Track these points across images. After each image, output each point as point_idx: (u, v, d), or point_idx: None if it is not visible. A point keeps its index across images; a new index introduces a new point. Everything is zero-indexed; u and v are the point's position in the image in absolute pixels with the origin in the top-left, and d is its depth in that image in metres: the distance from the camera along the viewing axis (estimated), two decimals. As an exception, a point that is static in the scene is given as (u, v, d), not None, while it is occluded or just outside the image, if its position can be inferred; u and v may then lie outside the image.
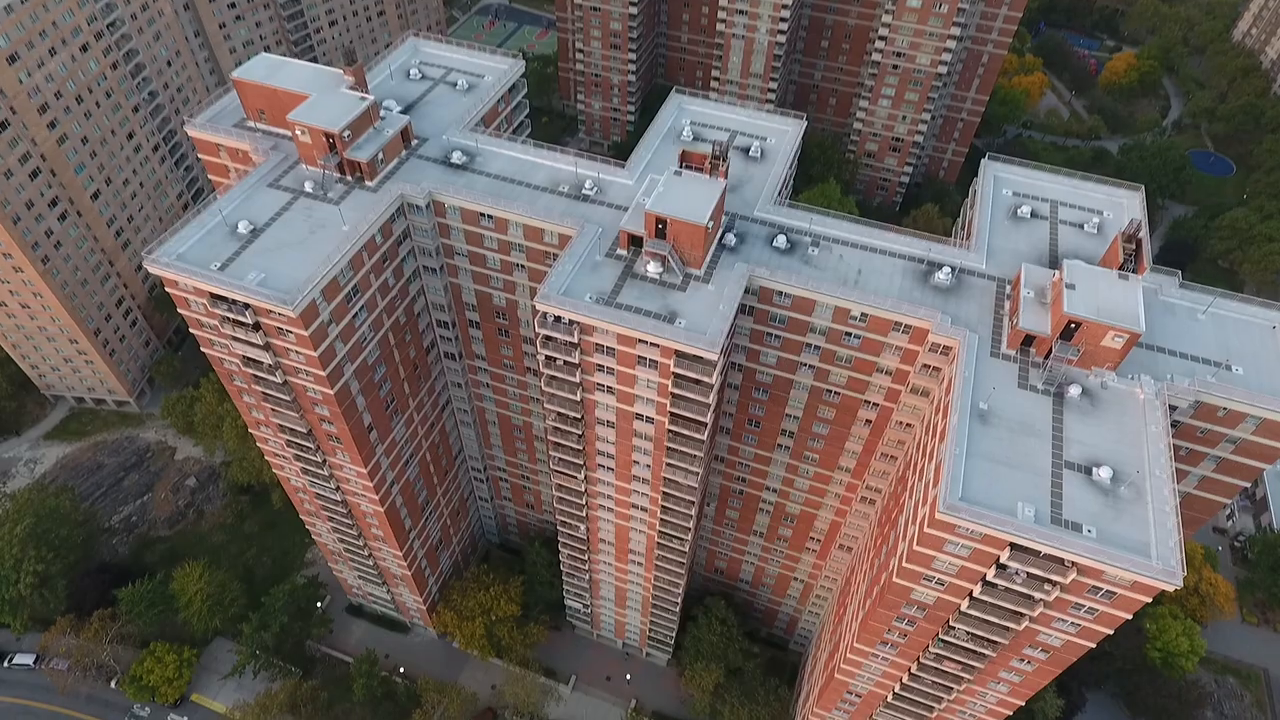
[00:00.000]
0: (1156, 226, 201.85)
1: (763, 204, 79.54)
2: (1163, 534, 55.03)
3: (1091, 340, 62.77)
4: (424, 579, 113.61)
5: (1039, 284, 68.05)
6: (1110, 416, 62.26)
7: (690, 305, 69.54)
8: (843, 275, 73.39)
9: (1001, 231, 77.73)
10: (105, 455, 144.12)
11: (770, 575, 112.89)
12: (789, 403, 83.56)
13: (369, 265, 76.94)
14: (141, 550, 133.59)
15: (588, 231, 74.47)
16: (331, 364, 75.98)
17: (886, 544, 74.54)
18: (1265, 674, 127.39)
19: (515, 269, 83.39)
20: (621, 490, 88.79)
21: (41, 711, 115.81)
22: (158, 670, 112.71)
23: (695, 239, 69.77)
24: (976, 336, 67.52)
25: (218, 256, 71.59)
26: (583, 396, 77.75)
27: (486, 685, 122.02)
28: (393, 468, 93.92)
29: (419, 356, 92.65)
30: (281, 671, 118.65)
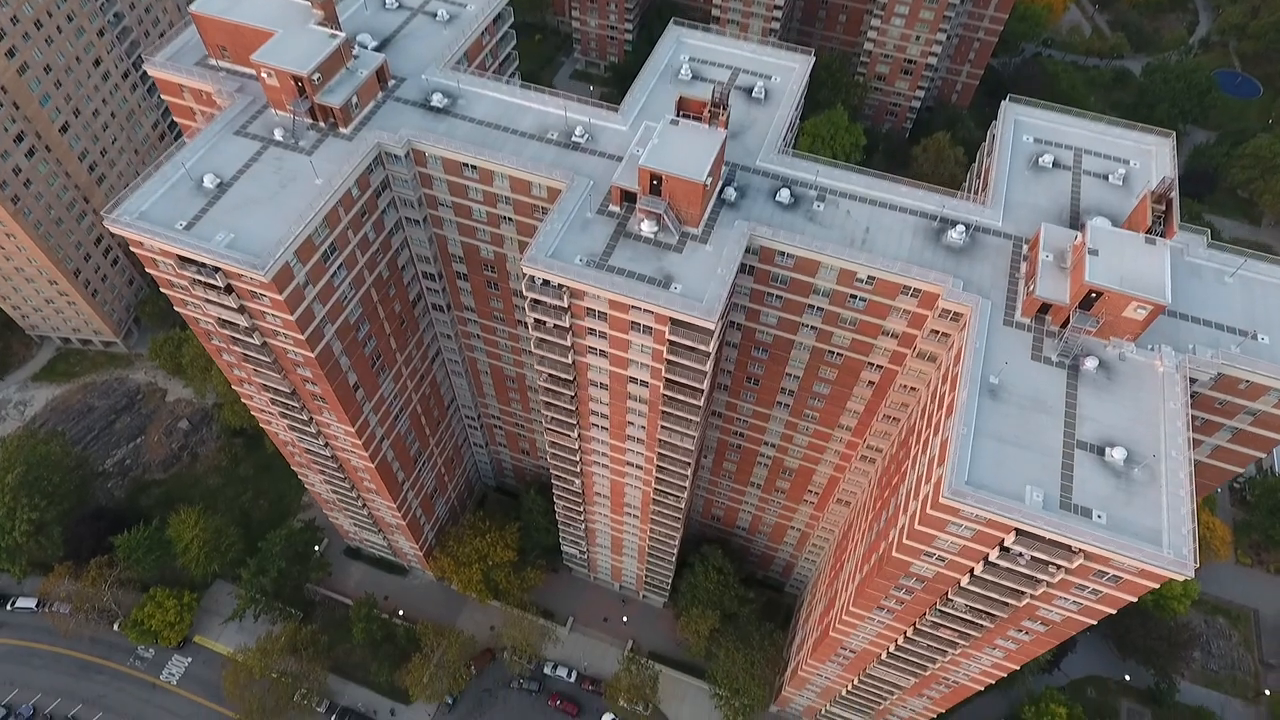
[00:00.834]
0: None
1: (765, 153, 74.23)
2: (1176, 520, 52.84)
3: (1112, 311, 59.07)
4: (419, 527, 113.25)
5: (1058, 246, 63.78)
6: (1127, 391, 59.20)
7: (687, 268, 65.47)
8: (849, 234, 68.95)
9: (1020, 183, 72.74)
10: (95, 397, 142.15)
11: (767, 524, 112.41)
12: (789, 362, 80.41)
13: (346, 221, 72.40)
14: (137, 494, 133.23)
15: (578, 185, 69.62)
16: (310, 326, 72.50)
17: (886, 510, 72.84)
18: (1255, 614, 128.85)
19: (503, 221, 78.79)
20: (616, 449, 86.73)
21: (46, 654, 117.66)
22: (159, 615, 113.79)
23: (692, 197, 65.09)
24: (989, 303, 63.72)
25: (183, 214, 67.07)
26: (574, 359, 74.59)
27: (485, 626, 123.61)
28: (382, 424, 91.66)
29: (405, 310, 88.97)
30: (282, 614, 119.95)
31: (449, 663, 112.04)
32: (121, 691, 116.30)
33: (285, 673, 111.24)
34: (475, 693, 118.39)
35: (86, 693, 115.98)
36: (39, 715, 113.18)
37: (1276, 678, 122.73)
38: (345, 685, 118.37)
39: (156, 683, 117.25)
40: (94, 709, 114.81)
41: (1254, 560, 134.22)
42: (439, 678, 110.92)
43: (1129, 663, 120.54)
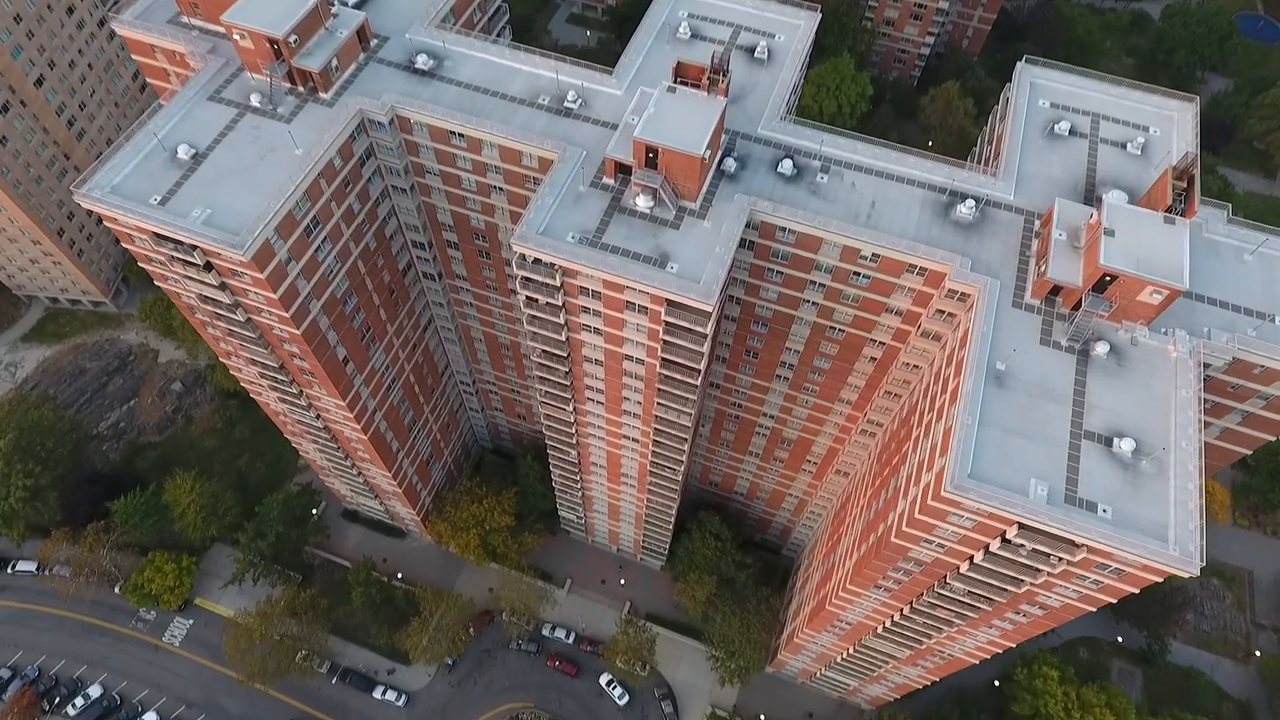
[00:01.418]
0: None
1: (768, 119, 70.60)
2: (1183, 515, 51.53)
3: (1127, 295, 56.70)
4: (416, 493, 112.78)
5: (1072, 224, 60.92)
6: (1138, 378, 57.25)
7: (683, 246, 62.75)
8: (854, 208, 65.97)
9: (1034, 152, 69.38)
10: (86, 359, 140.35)
11: (765, 490, 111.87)
12: (789, 337, 78.28)
13: (329, 193, 69.34)
14: (133, 457, 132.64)
15: (570, 156, 66.35)
16: (295, 304, 70.14)
17: (886, 490, 71.72)
18: (1250, 576, 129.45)
19: (493, 191, 75.63)
20: (612, 423, 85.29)
21: (49, 616, 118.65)
22: (158, 579, 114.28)
23: (690, 170, 61.96)
24: (998, 283, 61.26)
25: (157, 188, 64.08)
26: (568, 336, 72.44)
27: (484, 588, 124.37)
28: (374, 395, 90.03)
29: (395, 280, 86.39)
30: (281, 577, 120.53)
31: (448, 626, 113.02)
32: (125, 653, 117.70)
33: (286, 635, 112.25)
34: (475, 653, 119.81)
35: (90, 654, 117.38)
36: (44, 676, 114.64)
37: (1268, 638, 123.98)
38: (346, 646, 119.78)
39: (159, 644, 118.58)
40: (98, 670, 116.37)
41: (1251, 522, 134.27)
42: (438, 641, 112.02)
43: (1122, 624, 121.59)
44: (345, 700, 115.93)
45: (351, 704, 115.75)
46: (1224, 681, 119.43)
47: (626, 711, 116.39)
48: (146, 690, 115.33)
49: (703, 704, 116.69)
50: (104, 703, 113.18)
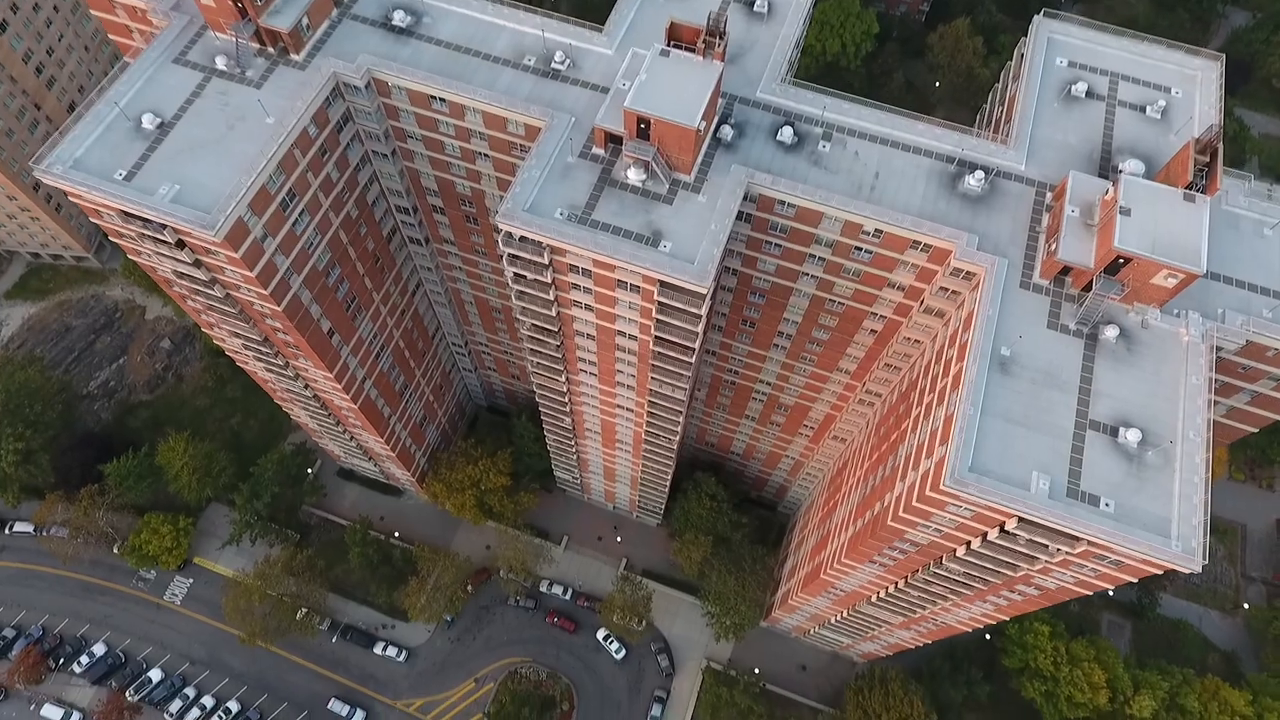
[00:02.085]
0: (1211, 40, 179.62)
1: (768, 81, 66.58)
2: (1187, 509, 50.35)
3: (1140, 277, 54.25)
4: (410, 456, 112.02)
5: (1086, 199, 57.89)
6: (1147, 364, 55.29)
7: (677, 222, 59.82)
8: (857, 180, 62.74)
9: (1048, 117, 65.68)
10: (72, 316, 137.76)
11: (761, 451, 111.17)
12: (787, 308, 75.89)
13: (304, 163, 65.88)
14: (124, 416, 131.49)
15: (558, 124, 62.72)
16: (274, 280, 67.51)
17: (884, 466, 70.56)
18: (1243, 529, 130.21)
19: (478, 157, 72.04)
20: (606, 393, 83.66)
21: (49, 576, 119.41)
22: (155, 541, 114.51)
23: (684, 142, 58.55)
24: (1005, 262, 58.64)
25: (121, 162, 60.71)
26: (558, 311, 70.08)
27: (481, 545, 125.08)
28: (362, 364, 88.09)
29: (379, 247, 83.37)
30: (279, 536, 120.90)
31: (445, 586, 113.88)
32: (127, 612, 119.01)
33: (286, 594, 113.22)
34: (473, 610, 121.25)
35: (92, 613, 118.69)
36: (48, 635, 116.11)
37: (1256, 590, 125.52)
38: (346, 604, 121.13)
39: (161, 603, 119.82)
40: (101, 628, 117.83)
41: (1247, 476, 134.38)
42: (436, 600, 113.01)
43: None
44: (347, 656, 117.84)
45: (353, 659, 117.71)
46: (1211, 633, 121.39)
47: (623, 665, 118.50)
48: (150, 648, 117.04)
49: (698, 657, 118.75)
50: (109, 660, 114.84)
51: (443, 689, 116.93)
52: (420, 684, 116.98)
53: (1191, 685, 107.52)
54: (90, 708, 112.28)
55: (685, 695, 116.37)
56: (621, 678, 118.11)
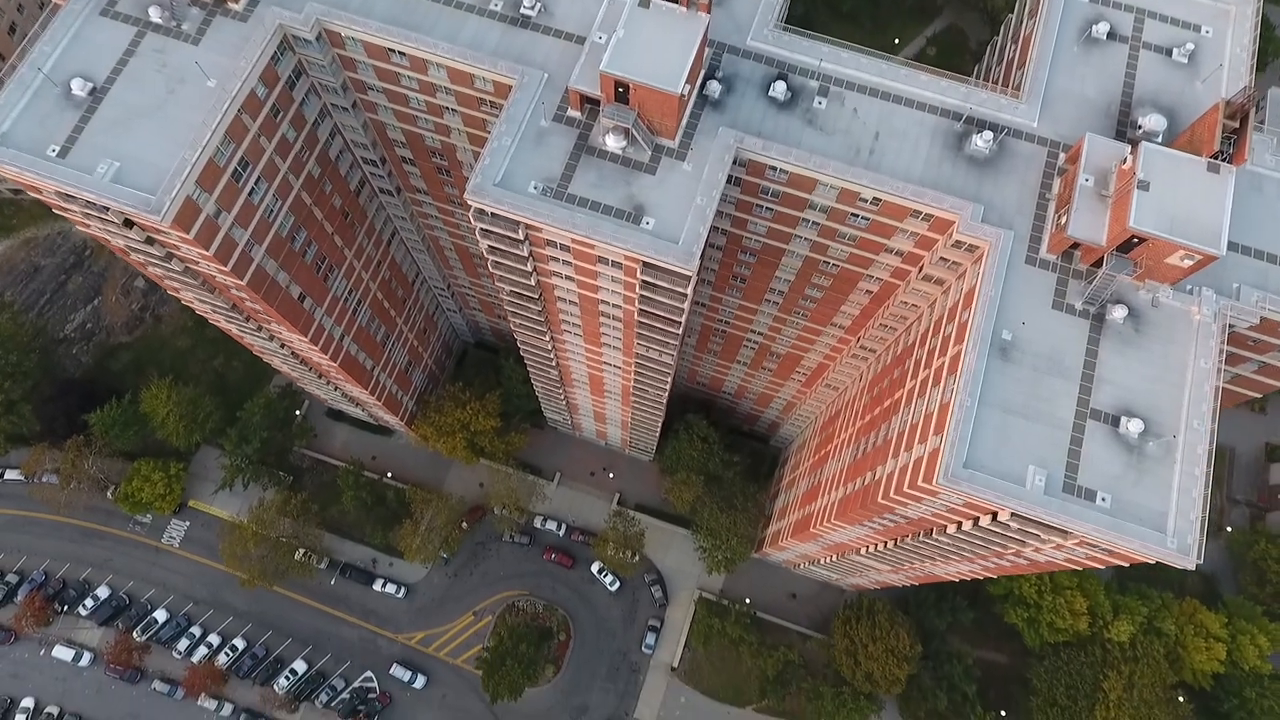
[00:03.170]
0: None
1: (759, 26, 60.51)
2: (1185, 504, 49.12)
3: (1155, 257, 50.89)
4: (397, 402, 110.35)
5: (1102, 166, 53.60)
6: (1155, 346, 52.72)
7: (660, 194, 55.55)
8: (855, 141, 57.97)
9: (1066, 64, 60.22)
10: (40, 255, 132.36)
11: (753, 392, 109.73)
12: (779, 267, 72.32)
13: (255, 127, 60.61)
14: (105, 360, 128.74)
15: (529, 82, 57.26)
16: (234, 255, 63.48)
17: (876, 433, 69.00)
18: (1231, 452, 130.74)
19: (446, 112, 66.51)
20: (592, 352, 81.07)
21: (47, 523, 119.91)
22: (147, 488, 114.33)
23: (666, 108, 53.56)
24: (1011, 235, 54.93)
25: (53, 136, 55.69)
26: (538, 280, 66.51)
27: (474, 483, 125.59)
28: (339, 323, 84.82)
29: (348, 203, 78.56)
30: (272, 479, 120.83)
31: (439, 527, 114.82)
32: (126, 555, 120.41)
33: (282, 536, 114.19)
34: (470, 546, 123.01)
35: (93, 557, 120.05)
36: (51, 580, 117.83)
37: (1240, 513, 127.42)
38: (343, 543, 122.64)
39: (159, 546, 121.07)
40: (103, 572, 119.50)
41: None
42: (430, 540, 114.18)
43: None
44: (348, 594, 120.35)
45: (353, 597, 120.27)
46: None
47: (618, 596, 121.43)
48: (153, 590, 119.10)
49: (691, 588, 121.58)
50: (114, 603, 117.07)
51: (443, 622, 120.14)
52: (420, 618, 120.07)
53: (1170, 609, 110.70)
54: (100, 648, 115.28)
55: (679, 624, 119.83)
56: (616, 608, 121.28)
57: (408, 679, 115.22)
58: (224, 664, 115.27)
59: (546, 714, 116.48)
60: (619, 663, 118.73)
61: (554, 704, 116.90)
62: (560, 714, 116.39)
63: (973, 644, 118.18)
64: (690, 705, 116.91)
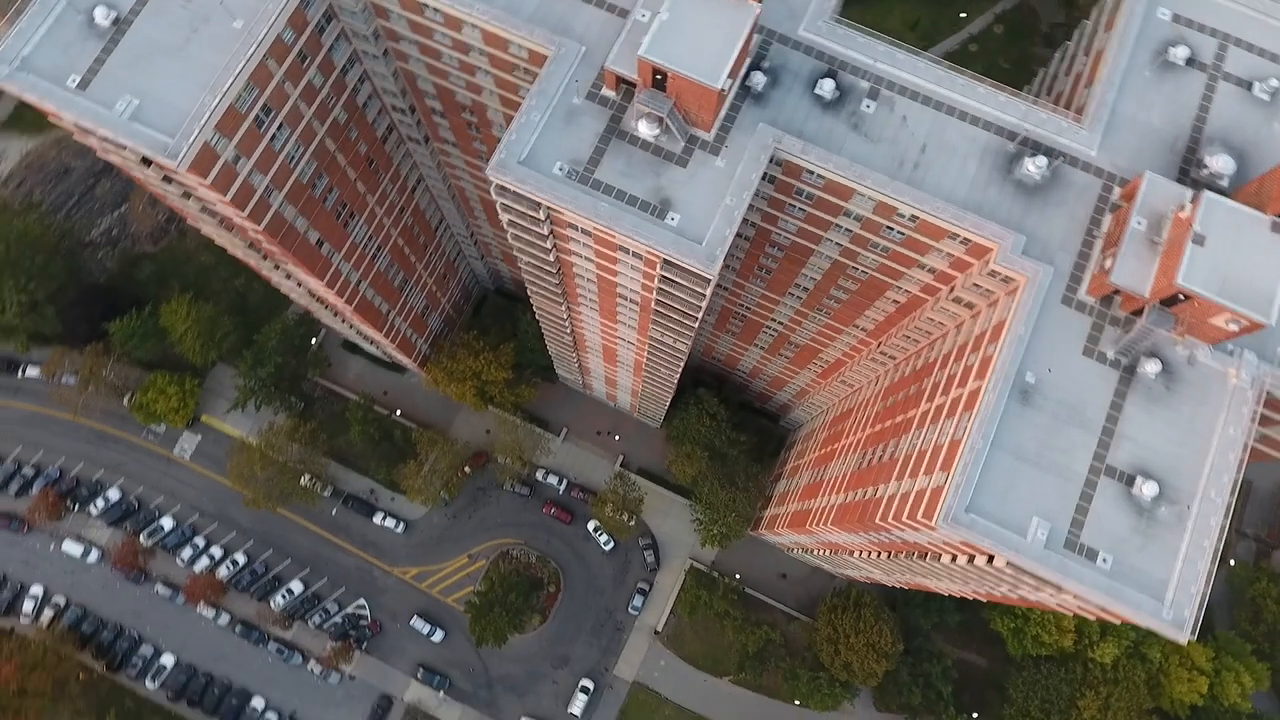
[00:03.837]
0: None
1: (813, 17, 56.90)
2: (1189, 575, 47.73)
3: (1198, 316, 48.27)
4: (411, 344, 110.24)
5: (1157, 210, 50.50)
6: (1184, 406, 50.52)
7: (689, 190, 53.32)
8: (900, 152, 55.00)
9: (1136, 87, 56.33)
10: (70, 157, 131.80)
11: (768, 375, 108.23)
12: (806, 265, 69.98)
13: (280, 73, 58.64)
14: (128, 267, 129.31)
15: (564, 57, 54.58)
16: (251, 201, 62.38)
17: (884, 446, 67.75)
18: (1249, 485, 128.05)
19: (478, 71, 63.95)
20: (607, 326, 79.79)
21: (65, 422, 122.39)
22: (162, 401, 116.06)
23: (705, 101, 50.89)
24: (1051, 271, 52.31)
25: (75, 65, 54.27)
26: (557, 257, 64.88)
27: (481, 429, 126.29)
28: (356, 268, 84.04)
29: (374, 149, 76.67)
30: (284, 404, 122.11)
31: (442, 469, 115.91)
32: (139, 462, 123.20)
33: (290, 460, 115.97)
34: (471, 490, 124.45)
35: (106, 460, 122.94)
36: (65, 477, 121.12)
37: (1246, 546, 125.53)
38: (348, 474, 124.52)
39: (171, 456, 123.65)
40: (116, 475, 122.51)
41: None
42: (432, 482, 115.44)
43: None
44: (348, 523, 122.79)
45: (354, 527, 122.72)
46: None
47: (610, 556, 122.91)
48: (161, 497, 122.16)
49: (683, 556, 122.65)
50: (123, 505, 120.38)
51: (438, 561, 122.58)
52: (417, 554, 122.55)
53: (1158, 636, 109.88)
54: (108, 547, 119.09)
55: (667, 590, 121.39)
56: (608, 568, 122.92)
57: (426, 631, 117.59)
58: (224, 576, 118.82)
59: (530, 660, 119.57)
60: (604, 620, 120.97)
61: (538, 651, 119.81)
62: (542, 662, 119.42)
63: (955, 645, 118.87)
64: (669, 669, 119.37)
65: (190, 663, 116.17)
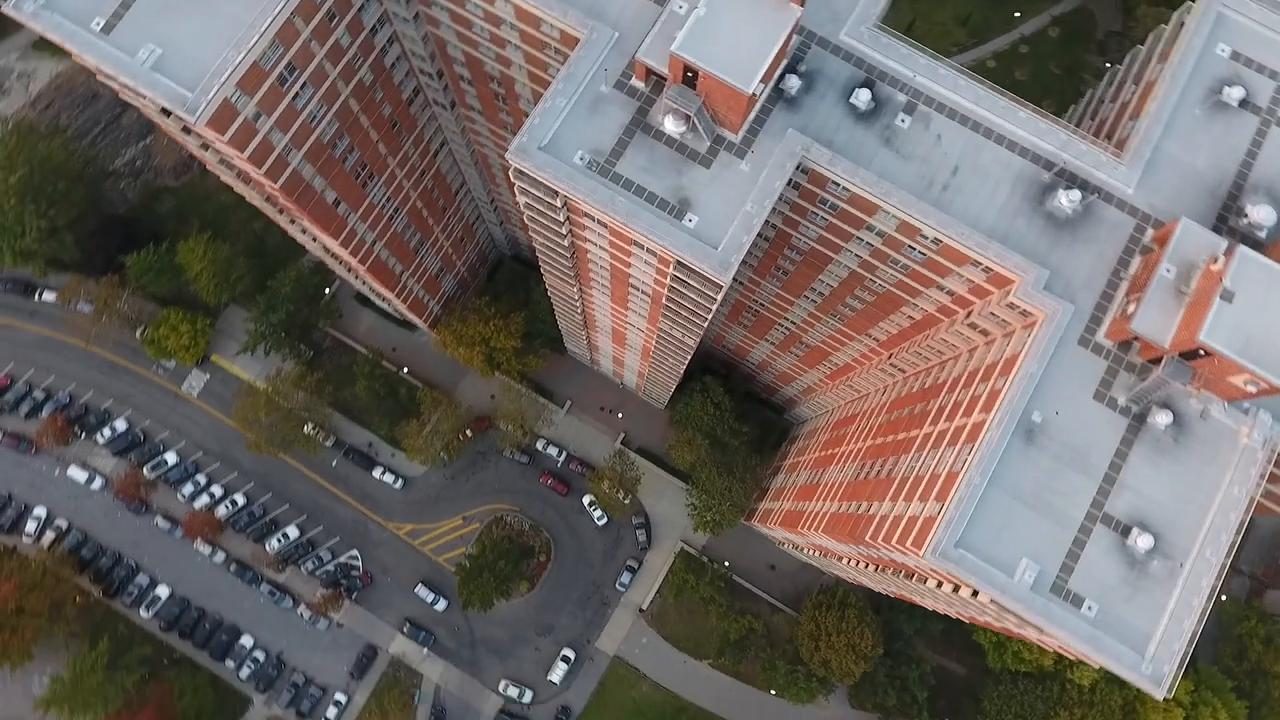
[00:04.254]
0: None
1: (856, 22, 54.99)
2: (1173, 632, 47.34)
3: (1217, 373, 47.14)
4: (422, 305, 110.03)
5: (1189, 258, 49.02)
6: (1191, 461, 49.63)
7: (710, 193, 52.21)
8: (930, 172, 53.52)
9: (1184, 126, 54.38)
10: (99, 84, 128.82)
11: (776, 369, 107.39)
12: (824, 272, 68.79)
13: (307, 32, 57.51)
14: (149, 200, 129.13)
15: (595, 43, 53.12)
16: (269, 159, 61.74)
17: (883, 462, 67.24)
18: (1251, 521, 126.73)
19: (508, 45, 62.48)
20: (618, 311, 79.15)
21: (78, 349, 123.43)
22: (173, 337, 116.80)
23: (734, 104, 49.55)
24: (1071, 310, 51.09)
25: (99, 8, 53.43)
26: (572, 242, 64.03)
27: (486, 394, 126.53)
28: (372, 229, 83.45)
29: (398, 111, 75.51)
30: (293, 351, 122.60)
31: (444, 431, 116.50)
32: (148, 395, 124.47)
33: (295, 407, 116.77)
34: (471, 454, 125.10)
35: (115, 390, 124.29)
36: (75, 404, 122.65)
37: (1240, 583, 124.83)
38: (351, 427, 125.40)
39: (179, 393, 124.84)
40: (124, 406, 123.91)
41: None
42: (433, 442, 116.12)
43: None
44: (348, 475, 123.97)
45: (353, 479, 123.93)
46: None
47: (603, 531, 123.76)
48: (167, 432, 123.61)
49: (675, 538, 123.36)
50: (129, 437, 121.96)
51: (432, 520, 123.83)
52: (413, 512, 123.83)
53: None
54: (112, 476, 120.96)
55: (656, 570, 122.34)
56: (600, 542, 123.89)
57: (430, 600, 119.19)
58: (223, 515, 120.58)
59: (514, 624, 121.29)
60: (591, 593, 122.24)
61: (523, 617, 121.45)
62: (527, 628, 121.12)
63: (936, 651, 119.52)
64: (650, 647, 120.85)
65: (184, 596, 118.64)
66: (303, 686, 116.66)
